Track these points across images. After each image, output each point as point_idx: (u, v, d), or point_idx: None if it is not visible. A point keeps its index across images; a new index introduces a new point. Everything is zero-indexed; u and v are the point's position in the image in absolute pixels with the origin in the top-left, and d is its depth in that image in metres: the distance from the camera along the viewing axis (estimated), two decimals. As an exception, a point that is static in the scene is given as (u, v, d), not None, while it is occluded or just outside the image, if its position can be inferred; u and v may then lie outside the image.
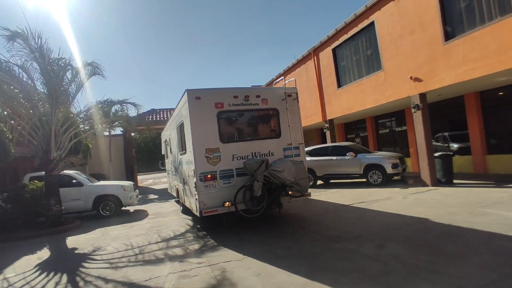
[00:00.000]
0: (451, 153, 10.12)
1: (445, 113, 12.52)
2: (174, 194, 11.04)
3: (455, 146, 12.43)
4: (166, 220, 8.95)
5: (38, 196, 8.88)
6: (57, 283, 4.68)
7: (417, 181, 10.36)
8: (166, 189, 18.28)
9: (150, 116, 23.65)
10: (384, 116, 15.00)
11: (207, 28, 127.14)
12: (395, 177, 11.45)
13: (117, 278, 4.60)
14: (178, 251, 5.66)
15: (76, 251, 6.50)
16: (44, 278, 4.98)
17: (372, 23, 11.25)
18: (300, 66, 16.55)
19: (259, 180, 6.05)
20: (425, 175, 9.83)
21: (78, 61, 9.37)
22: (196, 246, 5.81)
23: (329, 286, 3.59)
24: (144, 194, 17.25)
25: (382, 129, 15.60)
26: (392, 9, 10.27)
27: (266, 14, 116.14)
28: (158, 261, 5.23)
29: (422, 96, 9.70)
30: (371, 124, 15.72)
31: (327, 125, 14.84)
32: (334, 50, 13.83)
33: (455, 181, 9.72)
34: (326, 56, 14.35)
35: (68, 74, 9.06)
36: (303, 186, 6.48)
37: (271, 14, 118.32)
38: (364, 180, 11.27)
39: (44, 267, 5.59)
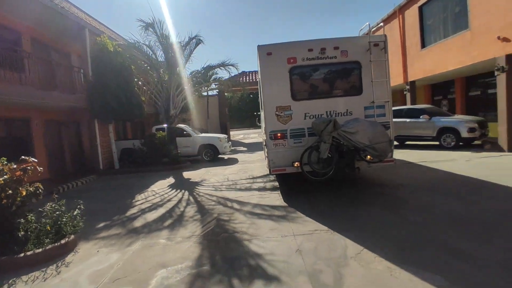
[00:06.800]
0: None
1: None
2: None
3: None
4: (252, 166, 11.33)
5: (163, 142, 12.27)
6: (183, 194, 7.42)
7: (495, 147, 10.16)
8: (254, 143, 21.14)
9: (241, 78, 26.28)
10: (476, 77, 13.92)
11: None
12: (476, 142, 11.28)
13: (217, 195, 7.06)
14: (258, 185, 7.84)
15: (190, 180, 9.40)
16: (175, 192, 7.84)
17: (463, -23, 10.55)
18: (385, 26, 16.12)
19: (326, 141, 5.65)
20: (503, 140, 9.63)
21: (183, 39, 11.91)
22: (271, 184, 7.85)
23: (349, 208, 5.24)
24: (236, 146, 20.36)
25: (473, 91, 14.54)
26: (486, -39, 9.51)
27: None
28: (244, 189, 7.51)
29: (509, 57, 9.18)
30: (460, 85, 14.75)
31: (408, 87, 14.69)
32: (420, 7, 13.24)
33: (540, 148, 9.31)
34: (412, 14, 13.81)
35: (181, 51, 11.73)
36: (380, 150, 5.71)
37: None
38: (437, 143, 11.47)
39: (173, 186, 8.55)
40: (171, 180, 9.72)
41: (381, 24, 7.42)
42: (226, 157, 14.65)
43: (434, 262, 3.18)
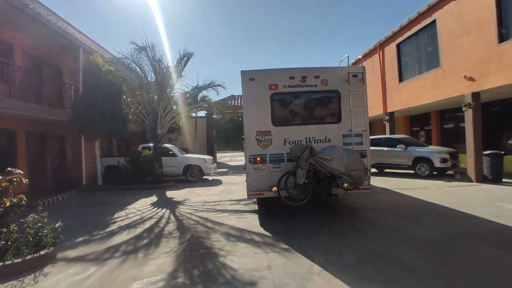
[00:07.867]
0: (503, 152, 10.22)
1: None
2: None
3: (525, 145, 12.01)
4: (235, 187, 11.55)
5: (148, 160, 12.41)
6: (164, 213, 7.56)
7: (465, 177, 10.77)
8: (239, 165, 21.38)
9: (230, 102, 26.93)
10: (449, 111, 14.90)
11: (287, 15, 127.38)
12: (449, 172, 11.90)
13: (198, 215, 7.25)
14: (238, 207, 8.07)
15: (173, 199, 9.53)
16: (156, 210, 7.98)
17: (434, 21, 11.60)
18: (367, 60, 17.23)
19: (302, 167, 5.75)
20: (471, 171, 10.27)
21: (173, 59, 12.40)
22: (251, 206, 8.10)
23: (320, 229, 5.58)
24: (221, 168, 20.56)
25: (447, 124, 15.48)
26: (453, 9, 10.57)
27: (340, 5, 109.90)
28: (224, 210, 7.70)
29: (475, 95, 10.02)
30: (436, 118, 15.71)
31: (387, 117, 15.51)
32: (398, 45, 14.32)
33: (505, 180, 9.94)
34: (391, 50, 14.88)
35: (171, 73, 12.21)
36: (355, 178, 5.77)
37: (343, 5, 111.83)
38: (413, 171, 12.05)
39: (155, 205, 8.67)
40: (153, 198, 9.82)
41: (360, 57, 7.95)
42: (210, 178, 14.83)
43: (385, 275, 3.57)
